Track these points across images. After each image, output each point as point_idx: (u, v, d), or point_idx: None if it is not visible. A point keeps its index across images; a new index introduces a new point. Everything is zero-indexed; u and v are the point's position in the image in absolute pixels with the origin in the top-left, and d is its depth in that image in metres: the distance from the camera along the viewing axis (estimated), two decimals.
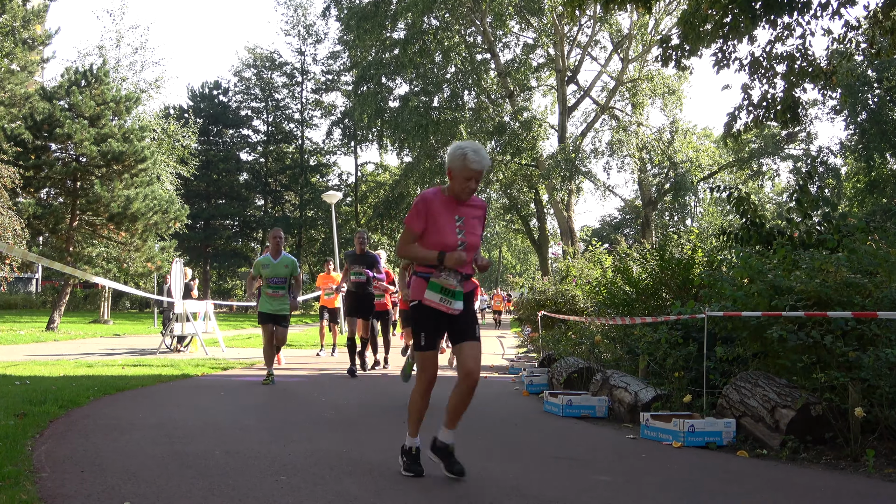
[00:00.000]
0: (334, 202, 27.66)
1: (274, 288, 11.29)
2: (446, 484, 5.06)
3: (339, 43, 51.10)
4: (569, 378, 10.17)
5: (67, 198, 27.10)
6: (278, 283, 11.29)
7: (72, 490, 4.53)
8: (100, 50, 43.22)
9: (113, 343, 20.17)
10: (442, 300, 5.17)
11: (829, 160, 45.08)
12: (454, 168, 5.16)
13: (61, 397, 8.23)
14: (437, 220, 5.18)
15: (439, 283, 5.18)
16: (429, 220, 5.19)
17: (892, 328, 6.30)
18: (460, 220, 5.25)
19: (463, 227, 5.25)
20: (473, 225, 5.32)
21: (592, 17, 39.83)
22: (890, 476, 5.50)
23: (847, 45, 12.15)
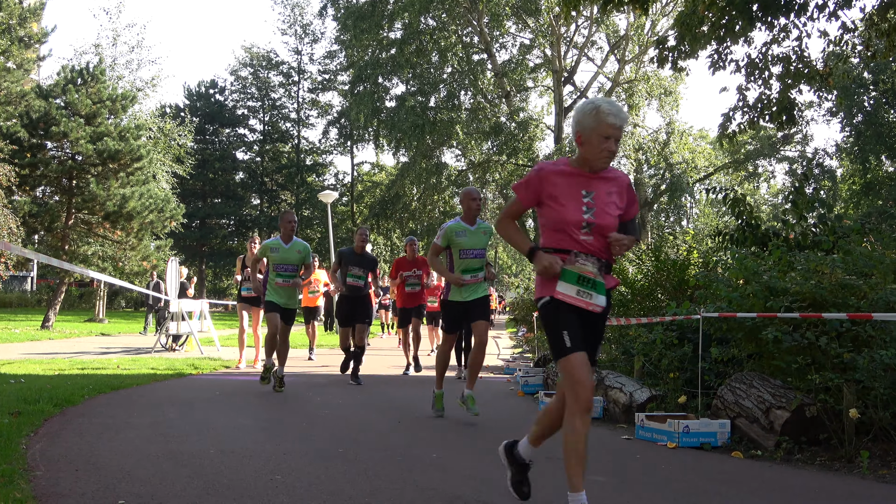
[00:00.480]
0: (330, 202, 27.68)
1: (284, 277, 10.12)
2: (441, 484, 5.07)
3: (336, 42, 51.04)
4: None
5: (63, 196, 27.08)
6: (289, 272, 10.16)
7: (66, 489, 4.53)
8: (96, 48, 43.23)
9: (108, 342, 20.15)
10: (580, 293, 4.17)
11: (824, 162, 45.17)
12: (585, 128, 4.21)
13: (56, 396, 8.22)
14: (558, 197, 4.23)
15: (575, 270, 4.16)
16: (544, 195, 4.26)
17: (887, 330, 6.32)
18: (589, 195, 4.23)
19: (593, 205, 4.22)
20: (608, 203, 4.26)
21: (589, 19, 39.83)
22: (884, 477, 5.51)
23: (843, 47, 12.17)
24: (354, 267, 11.44)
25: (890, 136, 40.04)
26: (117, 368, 12.30)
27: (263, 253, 10.24)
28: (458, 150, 44.00)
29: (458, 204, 49.24)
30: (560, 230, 4.23)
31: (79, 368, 12.06)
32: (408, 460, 5.81)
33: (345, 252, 11.71)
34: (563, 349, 4.13)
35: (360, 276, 11.46)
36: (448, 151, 44.07)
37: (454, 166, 44.39)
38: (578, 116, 4.26)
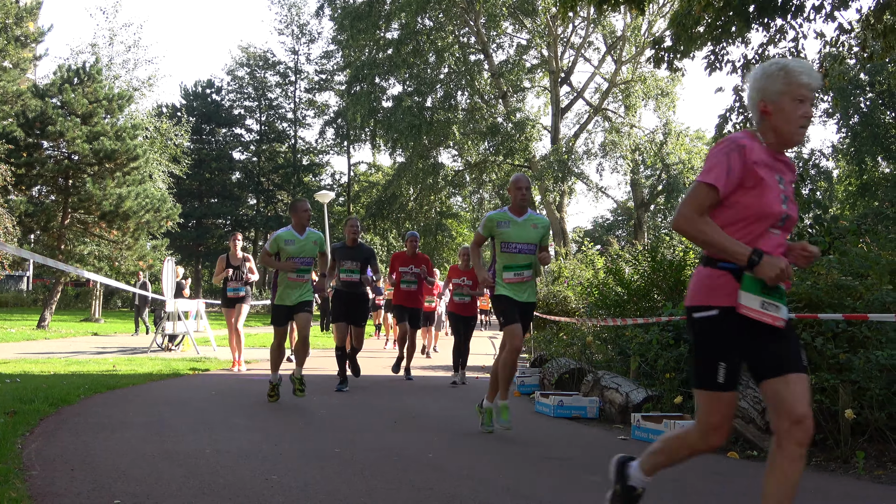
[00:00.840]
0: (327, 202, 27.67)
1: (299, 272, 9.20)
2: (437, 484, 5.07)
3: (333, 42, 51.02)
4: (560, 379, 10.19)
5: (59, 196, 27.06)
6: (306, 265, 9.26)
7: (62, 488, 4.53)
8: (93, 48, 43.18)
9: (104, 342, 20.13)
10: (765, 305, 3.34)
11: (820, 163, 45.20)
12: (771, 93, 3.44)
13: (52, 395, 8.21)
14: (763, 179, 3.38)
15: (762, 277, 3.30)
16: (746, 177, 3.36)
17: (883, 330, 6.32)
18: (782, 181, 3.45)
19: (787, 194, 3.46)
20: (792, 192, 3.51)
21: (586, 19, 39.86)
22: (879, 478, 5.52)
23: (839, 48, 12.18)
24: (347, 261, 10.78)
25: (886, 138, 40.11)
26: (113, 368, 12.29)
27: (277, 246, 9.19)
28: (454, 151, 44.05)
29: (453, 204, 49.47)
30: (756, 221, 3.40)
31: (75, 368, 12.05)
32: (404, 460, 5.81)
33: (336, 247, 11.00)
34: (712, 384, 3.42)
35: (353, 269, 10.77)
36: (445, 152, 44.15)
37: (451, 167, 44.42)
38: (761, 82, 3.49)
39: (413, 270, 12.24)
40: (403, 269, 12.25)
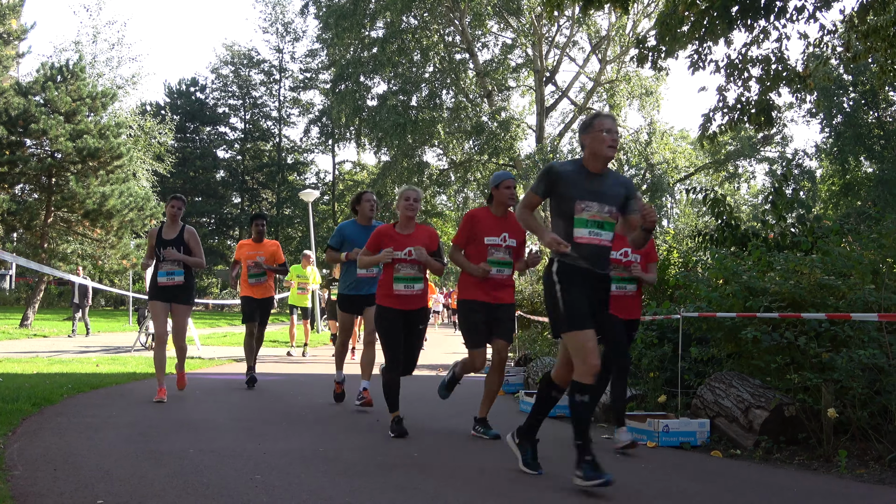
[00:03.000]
0: (311, 200, 27.59)
1: None
2: (421, 484, 5.07)
3: (318, 41, 50.95)
4: (544, 378, 10.18)
5: (42, 194, 26.89)
6: None
7: (44, 488, 4.51)
8: (76, 45, 43.03)
9: (87, 341, 20.06)
10: None
11: (804, 163, 45.40)
12: None
13: (34, 395, 8.18)
14: None
15: None
16: None
17: (865, 330, 6.36)
18: None
19: None
20: None
21: (571, 18, 39.89)
22: (861, 476, 5.55)
23: (823, 48, 12.25)
24: None
25: (869, 138, 40.29)
26: (96, 367, 12.24)
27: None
28: (439, 150, 44.00)
29: (438, 203, 49.44)
30: None
31: (58, 367, 11.99)
32: (388, 460, 5.81)
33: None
34: None
35: None
36: (430, 151, 44.07)
37: (436, 165, 44.39)
38: None
39: None
40: None
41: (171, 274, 8.84)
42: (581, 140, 5.32)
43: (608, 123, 5.22)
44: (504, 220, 6.96)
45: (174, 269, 8.86)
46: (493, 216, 6.97)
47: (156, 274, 8.96)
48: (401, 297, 6.90)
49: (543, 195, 5.30)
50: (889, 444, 5.88)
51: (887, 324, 6.26)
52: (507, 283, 7.01)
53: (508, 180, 7.02)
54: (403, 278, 6.92)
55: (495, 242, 6.84)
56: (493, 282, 6.85)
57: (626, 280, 6.77)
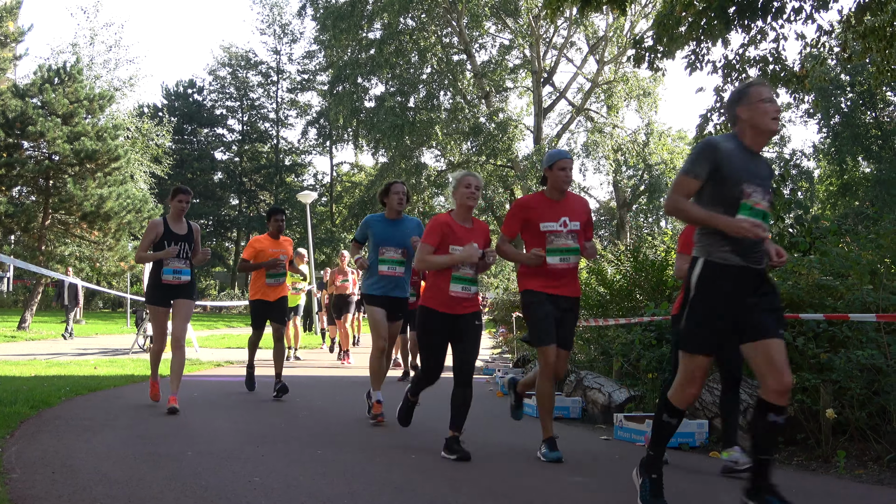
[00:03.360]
0: (309, 202, 27.60)
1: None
2: (420, 485, 5.07)
3: (315, 42, 50.99)
4: None
5: (40, 196, 26.88)
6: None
7: (42, 491, 4.50)
8: (73, 47, 43.05)
9: (85, 343, 20.04)
10: None
11: (801, 163, 45.49)
12: None
13: (32, 397, 8.17)
14: None
15: None
16: None
17: (863, 330, 6.36)
18: None
19: None
20: None
21: (568, 19, 39.89)
22: (860, 477, 5.55)
23: (820, 49, 12.25)
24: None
25: (866, 138, 40.37)
26: (94, 370, 12.23)
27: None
28: (437, 151, 43.98)
29: (436, 204, 49.41)
30: None
31: (56, 370, 11.98)
32: (386, 461, 5.80)
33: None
34: None
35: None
36: (427, 152, 44.05)
37: (433, 167, 44.38)
38: None
39: None
40: None
41: (179, 273, 8.13)
42: (736, 113, 4.45)
43: (767, 92, 4.41)
44: (562, 204, 6.13)
45: (182, 268, 8.15)
46: (549, 200, 6.13)
47: (158, 271, 8.16)
48: (455, 301, 6.10)
49: (706, 177, 4.35)
50: (887, 445, 5.88)
51: (885, 324, 6.26)
52: (573, 273, 6.19)
53: (564, 160, 6.12)
54: (462, 279, 6.10)
55: (554, 228, 6.04)
56: (556, 272, 6.06)
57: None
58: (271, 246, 9.88)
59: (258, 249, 9.85)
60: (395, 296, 7.73)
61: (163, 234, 8.18)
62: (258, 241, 10.03)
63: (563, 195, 6.18)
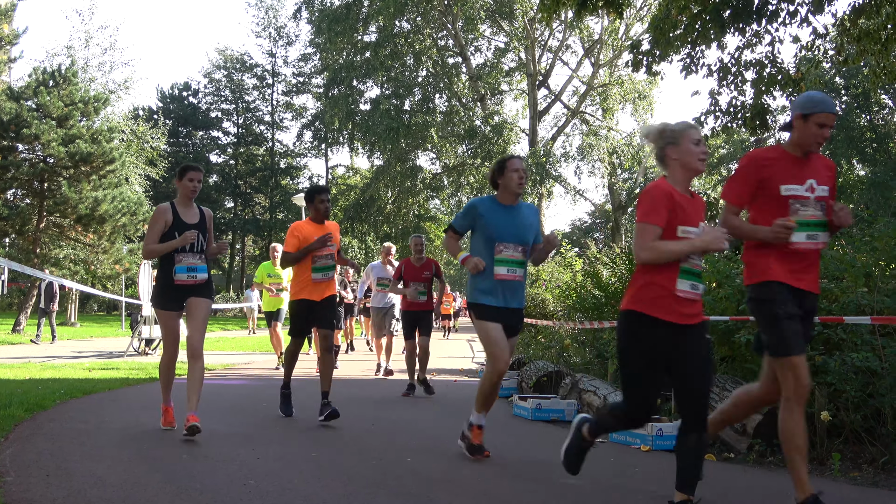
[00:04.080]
0: (305, 205, 27.58)
1: None
2: (415, 488, 5.06)
3: (311, 45, 51.06)
4: (538, 382, 10.20)
5: (34, 199, 26.88)
6: None
7: (37, 494, 4.49)
8: (68, 50, 42.96)
9: (80, 346, 20.01)
10: None
11: None
12: None
13: (27, 400, 8.15)
14: None
15: None
16: None
17: (858, 333, 6.36)
18: None
19: None
20: None
21: (564, 22, 39.91)
22: (855, 479, 5.55)
23: (815, 52, 12.27)
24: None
25: (861, 141, 40.44)
26: (89, 373, 12.21)
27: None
28: (432, 154, 44.01)
29: (431, 207, 49.43)
30: None
31: (50, 373, 11.96)
32: (382, 464, 5.79)
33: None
34: None
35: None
36: (423, 154, 44.10)
37: (429, 169, 44.40)
38: None
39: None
40: None
41: (194, 270, 6.85)
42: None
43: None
44: (809, 163, 4.62)
45: (197, 264, 6.87)
46: (793, 157, 4.59)
47: (170, 269, 6.87)
48: (682, 304, 4.32)
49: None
50: (882, 447, 5.88)
51: (880, 327, 6.26)
52: (816, 259, 4.67)
53: (828, 115, 4.48)
54: (693, 273, 4.34)
55: (799, 193, 4.54)
56: (800, 256, 4.57)
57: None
58: (316, 232, 8.14)
59: (303, 238, 8.07)
60: (515, 307, 6.26)
61: (171, 223, 6.86)
62: (300, 229, 8.20)
63: (808, 153, 4.63)
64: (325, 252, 8.00)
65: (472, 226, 6.26)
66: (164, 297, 6.99)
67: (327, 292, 8.17)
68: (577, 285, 13.41)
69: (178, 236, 6.78)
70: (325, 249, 7.98)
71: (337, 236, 8.31)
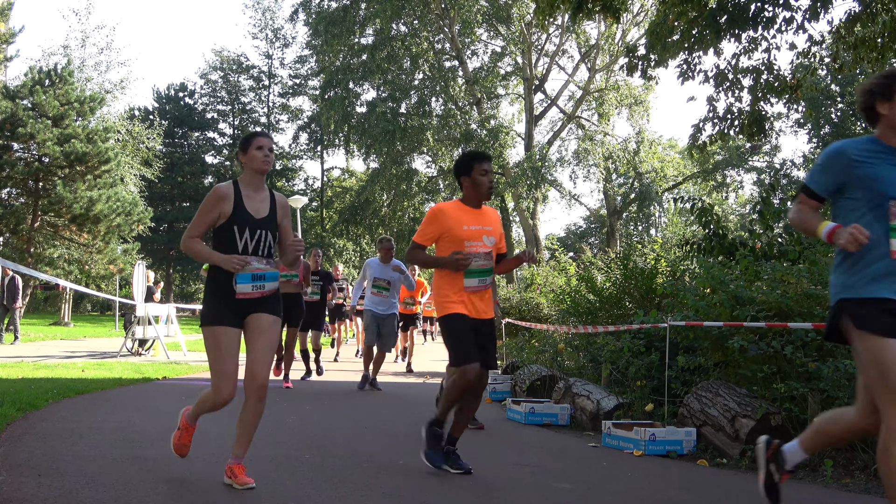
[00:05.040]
0: (300, 207, 27.57)
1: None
2: (407, 490, 5.06)
3: (307, 47, 51.06)
4: (532, 386, 10.20)
5: (29, 198, 26.85)
6: None
7: (28, 494, 4.48)
8: (65, 49, 42.88)
9: (73, 346, 19.96)
10: None
11: (792, 173, 45.61)
12: None
13: (19, 400, 8.13)
14: None
15: None
16: None
17: None
18: None
19: None
20: None
21: (560, 27, 39.97)
22: (847, 486, 5.56)
23: (811, 59, 12.30)
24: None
25: None
26: (82, 373, 12.19)
27: None
28: (428, 157, 43.99)
29: (426, 210, 49.49)
30: None
31: (43, 372, 11.93)
32: (374, 466, 5.79)
33: None
34: None
35: None
36: (418, 158, 44.06)
37: (424, 173, 44.38)
38: None
39: None
40: None
41: (261, 279, 4.88)
42: None
43: None
44: None
45: (266, 271, 4.91)
46: None
47: (225, 276, 4.85)
48: None
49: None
50: (874, 454, 5.88)
51: None
52: None
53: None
54: None
55: None
56: None
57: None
58: (472, 221, 5.82)
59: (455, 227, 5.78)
60: None
61: (230, 214, 4.89)
62: (448, 214, 5.89)
63: None
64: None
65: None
66: (217, 309, 4.91)
67: None
68: (572, 290, 13.40)
69: (239, 234, 4.85)
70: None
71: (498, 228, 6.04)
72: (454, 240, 5.67)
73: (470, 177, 5.84)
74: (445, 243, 5.71)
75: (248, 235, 4.89)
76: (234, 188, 4.98)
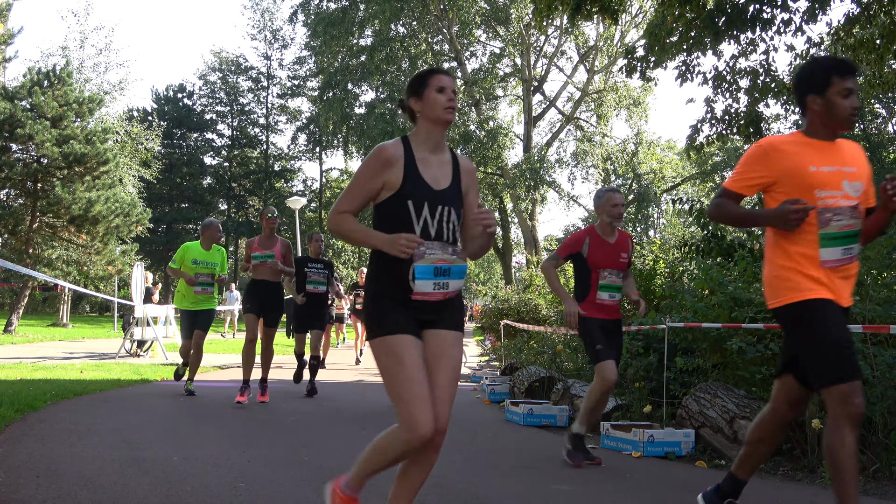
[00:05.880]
0: (298, 208, 27.59)
1: None
2: None
3: (306, 48, 51.01)
4: (530, 387, 10.20)
5: (28, 199, 26.78)
6: None
7: (27, 496, 4.48)
8: (63, 50, 42.85)
9: (71, 347, 19.95)
10: None
11: None
12: None
13: (18, 401, 8.13)
14: None
15: None
16: None
17: None
18: None
19: None
20: None
21: (559, 28, 40.01)
22: None
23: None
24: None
25: None
26: (81, 374, 12.18)
27: None
28: None
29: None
30: None
31: (42, 374, 11.93)
32: None
33: None
34: None
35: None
36: None
37: None
38: None
39: None
40: None
41: (445, 276, 3.61)
42: None
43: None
44: None
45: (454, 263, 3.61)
46: None
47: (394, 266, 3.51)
48: None
49: None
50: (872, 455, 5.89)
51: (871, 335, 6.28)
52: None
53: None
54: None
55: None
56: None
57: None
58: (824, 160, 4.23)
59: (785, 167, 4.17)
60: None
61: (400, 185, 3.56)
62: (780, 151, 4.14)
63: None
64: None
65: None
66: (391, 312, 3.58)
67: None
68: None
69: (416, 212, 3.53)
70: None
71: None
72: (798, 187, 3.94)
73: (824, 96, 3.96)
74: (780, 194, 4.00)
75: (428, 214, 3.55)
76: (405, 147, 3.64)
